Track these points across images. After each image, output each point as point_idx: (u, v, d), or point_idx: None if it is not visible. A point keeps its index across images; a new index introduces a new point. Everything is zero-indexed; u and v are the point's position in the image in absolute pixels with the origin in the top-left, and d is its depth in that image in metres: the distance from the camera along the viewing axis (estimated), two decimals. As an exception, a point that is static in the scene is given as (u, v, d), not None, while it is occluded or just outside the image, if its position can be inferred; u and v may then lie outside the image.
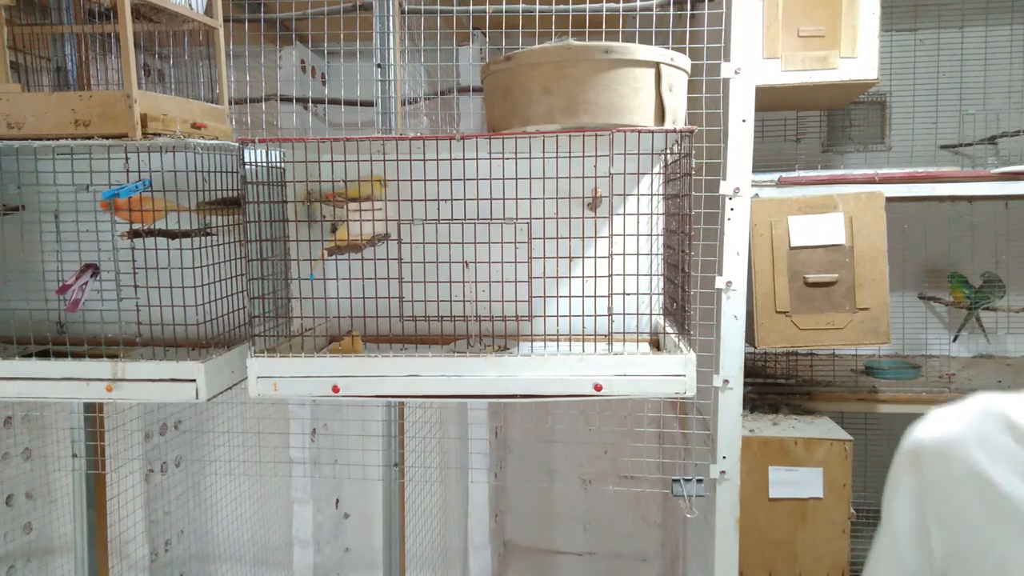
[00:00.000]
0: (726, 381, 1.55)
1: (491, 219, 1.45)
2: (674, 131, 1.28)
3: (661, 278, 1.48)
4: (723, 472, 1.56)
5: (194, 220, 1.45)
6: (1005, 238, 2.44)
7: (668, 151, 1.44)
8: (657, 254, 1.49)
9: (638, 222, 1.48)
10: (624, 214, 1.48)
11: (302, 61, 2.17)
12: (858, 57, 1.86)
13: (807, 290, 1.81)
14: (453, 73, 2.06)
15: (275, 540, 2.55)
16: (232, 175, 1.46)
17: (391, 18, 1.55)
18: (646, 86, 1.25)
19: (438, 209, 1.46)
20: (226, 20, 1.55)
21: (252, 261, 1.33)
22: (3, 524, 2.04)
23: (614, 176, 1.38)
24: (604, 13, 1.58)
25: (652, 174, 1.50)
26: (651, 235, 1.49)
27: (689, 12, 1.56)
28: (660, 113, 1.27)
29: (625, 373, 1.28)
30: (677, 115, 1.31)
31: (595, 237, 1.52)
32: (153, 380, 1.34)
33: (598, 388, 1.28)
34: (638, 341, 1.52)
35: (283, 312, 1.45)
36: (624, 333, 1.52)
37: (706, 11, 1.64)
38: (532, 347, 1.51)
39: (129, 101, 1.27)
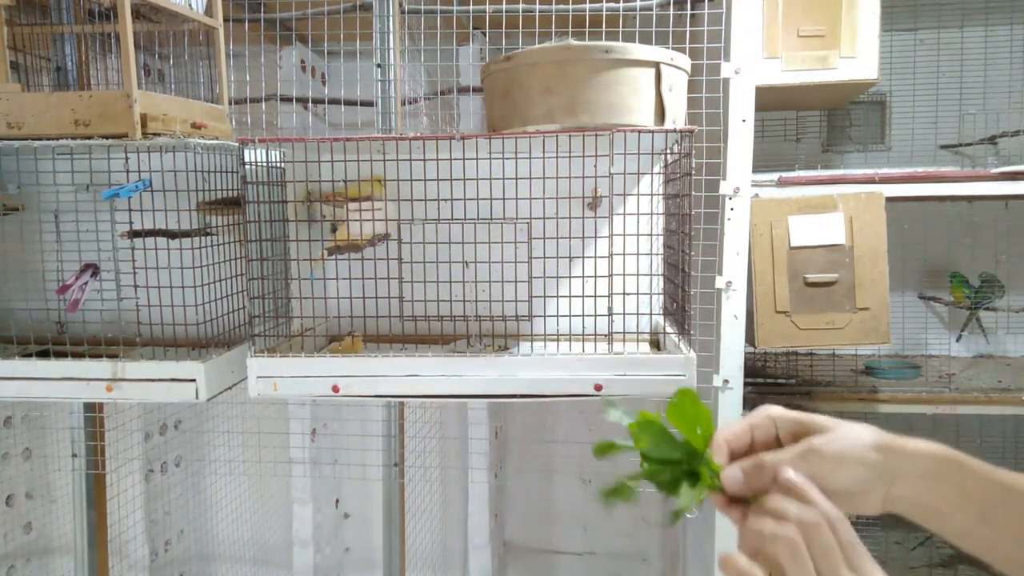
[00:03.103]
0: (726, 381, 1.55)
1: (491, 219, 1.45)
2: (674, 131, 1.28)
3: (661, 278, 1.48)
4: (723, 472, 1.55)
5: (194, 220, 1.45)
6: (1005, 238, 2.44)
7: (668, 151, 1.44)
8: (657, 254, 1.49)
9: (638, 222, 1.48)
10: (624, 214, 1.48)
11: (302, 61, 2.17)
12: (858, 57, 1.86)
13: (807, 290, 1.80)
14: (453, 73, 2.06)
15: (275, 540, 2.55)
16: (232, 175, 1.46)
17: (391, 18, 1.55)
18: (646, 86, 1.25)
19: (438, 209, 1.46)
20: (226, 20, 1.55)
21: (252, 261, 1.33)
22: (3, 524, 2.04)
23: (614, 176, 1.38)
24: (604, 13, 1.58)
25: (652, 174, 1.50)
26: (651, 235, 1.49)
27: (689, 12, 1.56)
28: (660, 113, 1.27)
29: (625, 373, 1.28)
30: (677, 115, 1.31)
31: (595, 237, 1.52)
32: (153, 380, 1.34)
33: (598, 388, 1.28)
34: (638, 341, 1.52)
35: (283, 312, 1.45)
36: (624, 333, 1.51)
37: (706, 11, 1.64)
38: (532, 347, 1.51)
39: (129, 101, 1.27)
